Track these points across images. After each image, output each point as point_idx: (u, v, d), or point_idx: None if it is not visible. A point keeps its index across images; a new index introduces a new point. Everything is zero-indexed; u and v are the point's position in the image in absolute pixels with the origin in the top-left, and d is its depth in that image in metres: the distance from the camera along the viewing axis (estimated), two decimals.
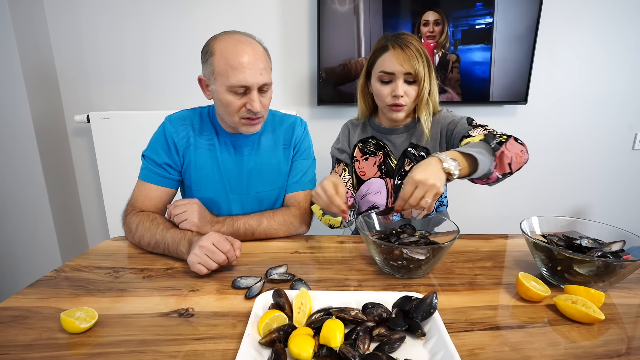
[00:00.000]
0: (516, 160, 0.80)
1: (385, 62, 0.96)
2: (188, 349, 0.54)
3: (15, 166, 1.60)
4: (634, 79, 1.77)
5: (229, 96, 0.86)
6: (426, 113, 1.00)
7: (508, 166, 0.80)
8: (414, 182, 0.72)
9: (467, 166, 0.77)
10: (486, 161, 0.78)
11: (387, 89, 0.98)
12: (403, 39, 0.95)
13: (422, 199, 0.71)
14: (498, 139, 0.82)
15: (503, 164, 0.80)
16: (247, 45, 0.85)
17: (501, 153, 0.79)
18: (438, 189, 0.71)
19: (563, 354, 0.53)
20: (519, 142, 0.85)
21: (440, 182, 0.71)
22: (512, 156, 0.80)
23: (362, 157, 1.11)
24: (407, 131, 1.06)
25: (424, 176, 0.71)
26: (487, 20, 1.59)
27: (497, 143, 0.81)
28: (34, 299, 0.67)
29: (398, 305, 0.60)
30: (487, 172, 0.79)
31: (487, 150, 0.80)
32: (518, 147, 0.83)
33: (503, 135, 0.84)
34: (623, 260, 0.64)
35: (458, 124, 0.98)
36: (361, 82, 1.08)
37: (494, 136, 0.83)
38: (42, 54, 1.59)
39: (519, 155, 0.81)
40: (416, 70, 0.94)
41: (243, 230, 0.92)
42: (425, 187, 0.71)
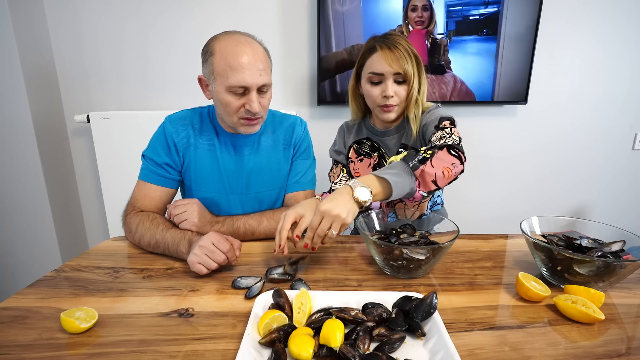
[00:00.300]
0: (443, 176, 0.75)
1: (374, 63, 0.96)
2: (188, 349, 0.54)
3: (15, 166, 1.60)
4: (634, 79, 1.77)
5: (228, 96, 0.86)
6: (415, 113, 1.00)
7: (433, 183, 0.75)
8: (319, 212, 0.71)
9: (381, 191, 0.74)
10: (404, 182, 0.74)
11: (377, 90, 0.98)
12: (391, 39, 0.95)
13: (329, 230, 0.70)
14: (421, 155, 0.76)
15: (426, 182, 0.75)
16: (247, 45, 0.85)
17: (421, 172, 0.74)
18: (343, 220, 0.69)
19: (563, 354, 0.53)
20: (452, 153, 0.78)
21: (347, 212, 0.70)
22: (437, 172, 0.74)
23: (357, 158, 1.11)
24: (398, 132, 1.06)
25: (329, 206, 0.70)
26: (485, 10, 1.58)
27: (418, 161, 0.75)
28: (34, 299, 0.67)
29: (398, 305, 0.60)
30: (408, 192, 0.76)
31: (405, 171, 0.75)
32: (449, 159, 0.77)
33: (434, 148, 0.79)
34: (623, 260, 0.64)
35: (430, 125, 0.94)
36: (351, 84, 1.07)
37: (416, 153, 0.78)
38: (42, 54, 1.59)
39: (448, 169, 0.76)
40: (405, 70, 0.94)
41: (243, 230, 0.92)
42: (330, 219, 0.70)
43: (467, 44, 1.62)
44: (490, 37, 1.61)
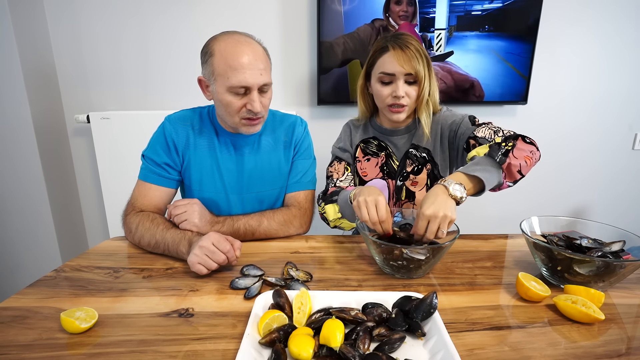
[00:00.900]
0: (526, 165, 0.79)
1: (386, 63, 0.96)
2: (188, 349, 0.54)
3: (15, 166, 1.60)
4: (634, 79, 1.77)
5: (229, 97, 0.86)
6: (426, 114, 1.00)
7: (518, 173, 0.79)
8: (425, 217, 0.73)
9: (473, 187, 0.78)
10: (493, 177, 0.78)
11: (388, 90, 0.97)
12: (403, 39, 0.95)
13: (438, 230, 0.72)
14: (504, 148, 0.79)
15: (512, 173, 0.79)
16: (247, 45, 0.85)
17: (508, 164, 0.78)
18: (450, 218, 0.72)
19: (563, 354, 0.53)
20: (527, 141, 0.82)
21: (451, 210, 0.72)
22: (521, 162, 0.79)
23: (364, 157, 1.11)
24: (408, 132, 1.06)
25: (433, 210, 0.72)
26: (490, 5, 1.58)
27: (502, 154, 0.79)
28: (34, 299, 0.67)
29: (398, 305, 0.60)
30: (496, 185, 0.80)
31: (493, 166, 0.79)
32: (527, 148, 0.81)
33: (509, 139, 0.82)
34: (623, 260, 0.64)
35: (461, 124, 0.97)
36: (360, 83, 1.07)
37: (499, 146, 0.81)
38: (42, 54, 1.59)
39: (529, 158, 0.80)
40: (417, 70, 0.93)
41: (243, 230, 0.92)
42: (437, 220, 0.72)
43: (468, 40, 1.62)
44: (492, 34, 1.61)
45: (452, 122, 1.00)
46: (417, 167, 1.05)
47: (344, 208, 0.94)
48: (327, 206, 0.99)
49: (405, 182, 1.06)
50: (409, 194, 1.07)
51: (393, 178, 1.08)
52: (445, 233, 0.73)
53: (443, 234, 0.72)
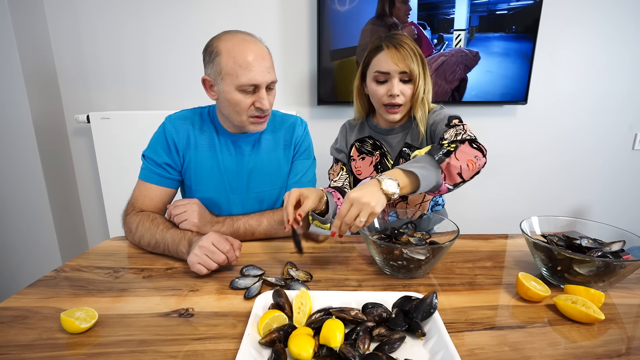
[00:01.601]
0: (468, 169, 0.77)
1: (380, 62, 0.96)
2: (188, 349, 0.54)
3: (15, 166, 1.60)
4: (634, 79, 1.77)
5: (238, 95, 0.87)
6: (422, 112, 1.00)
7: (458, 176, 0.77)
8: (349, 200, 0.71)
9: (408, 184, 0.74)
10: (431, 175, 0.75)
11: (383, 89, 0.98)
12: (397, 38, 0.96)
13: (357, 218, 0.70)
14: (445, 149, 0.78)
15: (452, 174, 0.76)
16: (253, 44, 0.86)
17: (447, 164, 0.76)
18: (372, 208, 0.68)
19: (563, 354, 0.53)
20: (474, 146, 0.80)
21: (375, 200, 0.69)
22: (462, 165, 0.76)
23: (359, 156, 1.11)
24: (402, 131, 1.06)
25: (358, 194, 0.70)
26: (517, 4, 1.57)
27: (443, 154, 0.76)
28: (34, 299, 0.67)
29: (398, 305, 0.60)
30: (435, 185, 0.76)
31: (431, 164, 0.76)
32: (472, 152, 0.79)
33: (455, 142, 0.81)
34: (623, 260, 0.64)
35: (439, 124, 0.96)
36: (356, 83, 1.08)
37: (440, 146, 0.79)
38: (42, 54, 1.59)
39: (472, 162, 0.78)
40: (411, 69, 0.94)
41: (243, 230, 0.92)
42: (359, 206, 0.69)
43: (491, 42, 1.61)
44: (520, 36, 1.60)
45: (434, 122, 0.98)
46: None
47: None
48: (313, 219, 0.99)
49: None
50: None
51: None
52: (363, 222, 0.69)
53: (360, 222, 0.69)
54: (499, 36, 1.61)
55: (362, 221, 0.69)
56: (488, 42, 1.62)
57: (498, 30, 1.60)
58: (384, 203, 0.71)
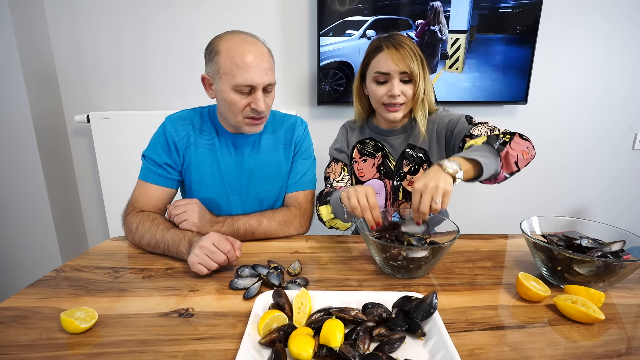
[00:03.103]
0: (523, 158, 0.80)
1: (380, 62, 0.96)
2: (188, 349, 0.54)
3: (15, 166, 1.60)
4: (634, 79, 1.77)
5: (234, 95, 0.87)
6: (422, 113, 1.00)
7: (515, 165, 0.80)
8: (417, 191, 0.72)
9: (470, 169, 0.76)
10: (491, 164, 0.78)
11: (383, 89, 0.98)
12: (396, 39, 0.96)
13: (432, 202, 0.70)
14: (501, 139, 0.81)
15: (509, 163, 0.80)
16: (253, 45, 0.86)
17: (506, 153, 0.79)
18: (443, 189, 0.70)
19: (563, 354, 0.53)
20: (524, 138, 0.84)
21: (444, 182, 0.70)
22: (518, 154, 0.80)
23: (361, 158, 1.11)
24: (404, 132, 1.06)
25: (424, 182, 0.71)
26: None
27: (500, 144, 0.80)
28: (34, 299, 0.67)
29: (398, 305, 0.60)
30: (494, 173, 0.80)
31: (491, 153, 0.79)
32: (524, 144, 0.83)
33: (506, 133, 0.84)
34: (623, 260, 0.64)
35: (457, 123, 0.97)
36: (356, 84, 1.07)
37: (497, 137, 0.82)
38: (42, 54, 1.59)
39: (525, 152, 0.81)
40: (411, 69, 0.94)
41: (243, 230, 0.92)
42: (429, 191, 0.70)
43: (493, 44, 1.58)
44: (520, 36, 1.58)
45: (449, 121, 1.00)
46: (413, 167, 1.05)
47: (335, 208, 0.94)
48: (321, 207, 1.00)
49: (402, 183, 1.06)
50: (406, 194, 1.07)
51: (390, 178, 1.08)
52: (439, 204, 0.69)
53: (437, 204, 0.69)
54: (500, 37, 1.60)
55: (438, 202, 0.70)
56: (489, 46, 1.60)
57: (499, 31, 1.59)
58: (451, 183, 0.72)
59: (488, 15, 1.58)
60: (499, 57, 1.63)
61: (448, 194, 0.70)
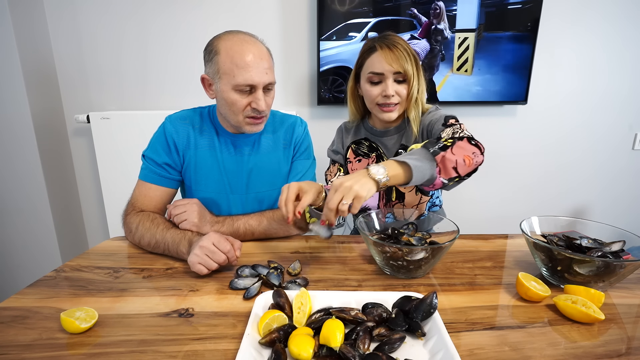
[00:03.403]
0: (464, 164, 0.76)
1: (374, 62, 0.96)
2: (188, 349, 0.54)
3: (15, 166, 1.60)
4: (634, 79, 1.77)
5: (234, 95, 0.87)
6: (415, 113, 1.00)
7: (453, 170, 0.76)
8: (333, 186, 0.71)
9: (401, 173, 0.73)
10: (424, 167, 0.74)
11: (377, 90, 0.98)
12: (390, 39, 0.96)
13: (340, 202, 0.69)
14: (442, 143, 0.77)
15: (447, 168, 0.75)
16: (252, 44, 0.86)
17: (442, 157, 0.75)
18: (356, 192, 0.68)
19: (563, 354, 0.53)
20: (472, 143, 0.80)
21: (361, 185, 0.69)
22: (457, 159, 0.75)
23: (355, 158, 1.11)
24: (398, 132, 1.06)
25: (342, 180, 0.70)
26: None
27: (439, 147, 0.76)
28: (34, 299, 0.67)
29: (398, 305, 0.60)
30: (428, 178, 0.76)
31: (426, 157, 0.75)
32: (469, 148, 0.78)
33: (452, 138, 0.80)
34: (623, 260, 0.64)
35: (435, 124, 0.95)
36: (350, 85, 1.07)
37: (437, 140, 0.79)
38: (42, 54, 1.59)
39: (469, 158, 0.77)
40: (405, 69, 0.94)
41: (243, 230, 0.92)
42: (342, 191, 0.69)
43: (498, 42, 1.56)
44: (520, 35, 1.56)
45: (430, 122, 0.98)
46: None
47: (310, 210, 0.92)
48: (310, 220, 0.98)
49: None
50: (399, 195, 1.07)
51: None
52: (346, 205, 0.68)
53: (344, 205, 0.68)
54: (507, 35, 1.58)
55: (345, 204, 0.68)
56: (497, 44, 1.58)
57: (507, 28, 1.56)
58: (370, 188, 0.70)
59: (495, 12, 1.56)
60: (505, 57, 1.62)
61: (359, 199, 0.69)
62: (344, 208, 0.69)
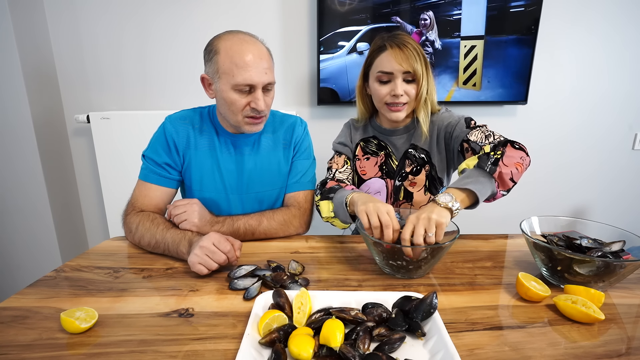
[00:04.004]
0: (517, 171, 0.79)
1: (384, 62, 0.96)
2: (188, 349, 0.54)
3: (15, 166, 1.60)
4: (634, 79, 1.77)
5: (233, 95, 0.87)
6: (424, 113, 1.00)
7: (510, 181, 0.79)
8: (410, 221, 0.72)
9: (465, 198, 0.76)
10: (486, 188, 0.77)
11: (386, 89, 0.97)
12: (400, 38, 0.95)
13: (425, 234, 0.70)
14: (493, 158, 0.79)
15: (504, 181, 0.79)
16: (252, 44, 0.86)
17: (499, 173, 0.78)
18: (436, 220, 0.70)
19: (563, 354, 0.53)
20: (516, 147, 0.82)
21: (437, 214, 0.70)
22: (512, 170, 0.78)
23: (364, 156, 1.11)
24: (407, 132, 1.06)
25: (417, 214, 0.72)
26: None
27: (492, 164, 0.78)
28: (34, 299, 0.67)
29: (398, 305, 0.60)
30: (490, 194, 0.79)
31: (484, 176, 0.78)
32: (517, 155, 0.81)
33: (497, 147, 0.81)
34: (623, 260, 0.64)
35: (456, 126, 0.97)
36: (359, 84, 1.07)
37: (487, 156, 0.80)
38: (42, 54, 1.59)
39: (520, 165, 0.80)
40: (415, 69, 0.94)
41: (243, 230, 0.92)
42: (423, 223, 0.70)
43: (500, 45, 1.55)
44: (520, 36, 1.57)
45: (448, 123, 0.99)
46: (415, 168, 1.05)
47: (338, 209, 0.92)
48: (322, 202, 0.97)
49: (403, 183, 1.06)
50: (407, 195, 1.07)
51: (392, 178, 1.08)
52: (432, 237, 0.69)
53: (430, 238, 0.69)
54: (508, 39, 1.58)
55: (430, 235, 0.69)
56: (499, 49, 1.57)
57: (508, 32, 1.56)
58: (447, 216, 0.72)
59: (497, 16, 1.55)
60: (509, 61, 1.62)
61: (442, 225, 0.70)
62: (432, 240, 0.70)
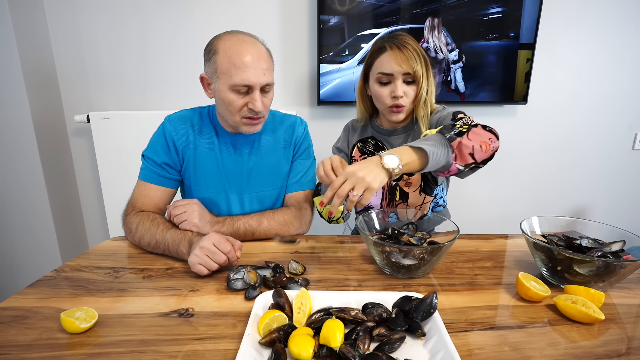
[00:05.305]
0: (481, 150, 0.75)
1: (384, 63, 0.96)
2: (188, 349, 0.54)
3: (15, 166, 1.60)
4: (634, 79, 1.77)
5: (231, 95, 0.87)
6: (424, 113, 1.00)
7: (470, 156, 0.75)
8: (344, 173, 0.70)
9: (416, 160, 0.73)
10: (440, 153, 0.73)
11: (386, 90, 0.97)
12: (400, 39, 0.95)
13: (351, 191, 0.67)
14: (457, 129, 0.76)
15: (463, 154, 0.75)
16: (251, 45, 0.86)
17: (459, 143, 0.74)
18: (368, 183, 0.67)
19: (563, 354, 0.53)
20: (487, 129, 0.79)
21: (373, 176, 0.67)
22: (474, 145, 0.74)
23: (361, 157, 1.11)
24: (405, 132, 1.06)
25: (355, 168, 0.69)
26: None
27: (455, 134, 0.74)
28: (34, 299, 0.67)
29: (398, 305, 0.60)
30: (444, 164, 0.75)
31: (442, 143, 0.75)
32: (485, 134, 0.77)
33: (468, 124, 0.79)
34: (623, 260, 0.64)
35: (444, 120, 0.95)
36: (359, 85, 1.07)
37: (452, 126, 0.77)
38: (42, 54, 1.59)
39: (485, 144, 0.76)
40: (415, 70, 0.93)
41: (243, 230, 0.92)
42: (353, 180, 0.68)
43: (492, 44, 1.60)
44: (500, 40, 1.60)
45: (439, 118, 0.98)
46: None
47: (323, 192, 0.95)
48: (315, 198, 1.01)
49: (398, 183, 1.06)
50: (403, 195, 1.07)
51: None
52: (355, 196, 0.67)
53: (354, 196, 0.67)
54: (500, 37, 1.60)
55: (356, 195, 0.67)
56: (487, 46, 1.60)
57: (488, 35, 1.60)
58: (382, 180, 0.69)
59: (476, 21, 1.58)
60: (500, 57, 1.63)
61: (370, 191, 0.68)
62: (355, 199, 0.67)
